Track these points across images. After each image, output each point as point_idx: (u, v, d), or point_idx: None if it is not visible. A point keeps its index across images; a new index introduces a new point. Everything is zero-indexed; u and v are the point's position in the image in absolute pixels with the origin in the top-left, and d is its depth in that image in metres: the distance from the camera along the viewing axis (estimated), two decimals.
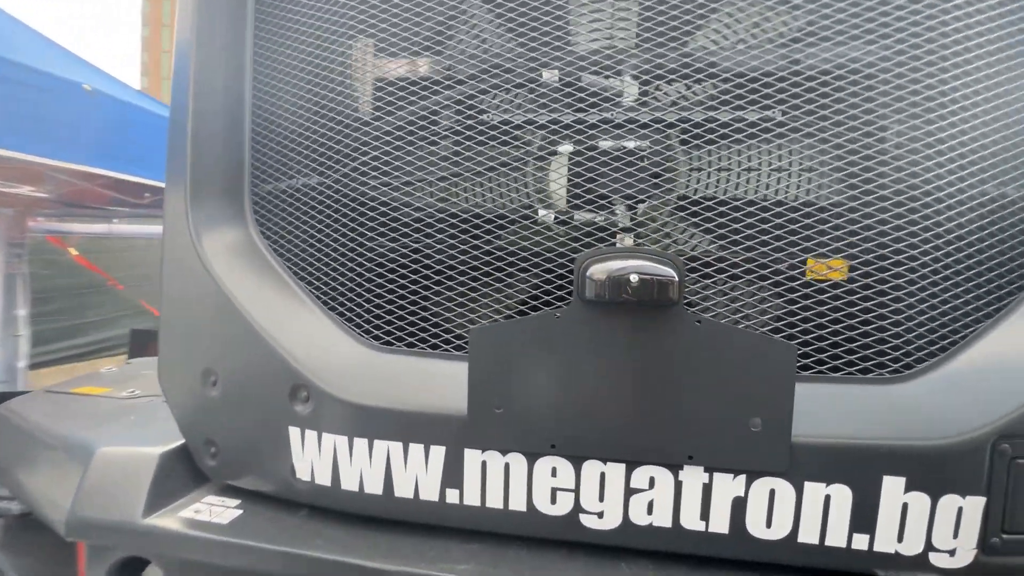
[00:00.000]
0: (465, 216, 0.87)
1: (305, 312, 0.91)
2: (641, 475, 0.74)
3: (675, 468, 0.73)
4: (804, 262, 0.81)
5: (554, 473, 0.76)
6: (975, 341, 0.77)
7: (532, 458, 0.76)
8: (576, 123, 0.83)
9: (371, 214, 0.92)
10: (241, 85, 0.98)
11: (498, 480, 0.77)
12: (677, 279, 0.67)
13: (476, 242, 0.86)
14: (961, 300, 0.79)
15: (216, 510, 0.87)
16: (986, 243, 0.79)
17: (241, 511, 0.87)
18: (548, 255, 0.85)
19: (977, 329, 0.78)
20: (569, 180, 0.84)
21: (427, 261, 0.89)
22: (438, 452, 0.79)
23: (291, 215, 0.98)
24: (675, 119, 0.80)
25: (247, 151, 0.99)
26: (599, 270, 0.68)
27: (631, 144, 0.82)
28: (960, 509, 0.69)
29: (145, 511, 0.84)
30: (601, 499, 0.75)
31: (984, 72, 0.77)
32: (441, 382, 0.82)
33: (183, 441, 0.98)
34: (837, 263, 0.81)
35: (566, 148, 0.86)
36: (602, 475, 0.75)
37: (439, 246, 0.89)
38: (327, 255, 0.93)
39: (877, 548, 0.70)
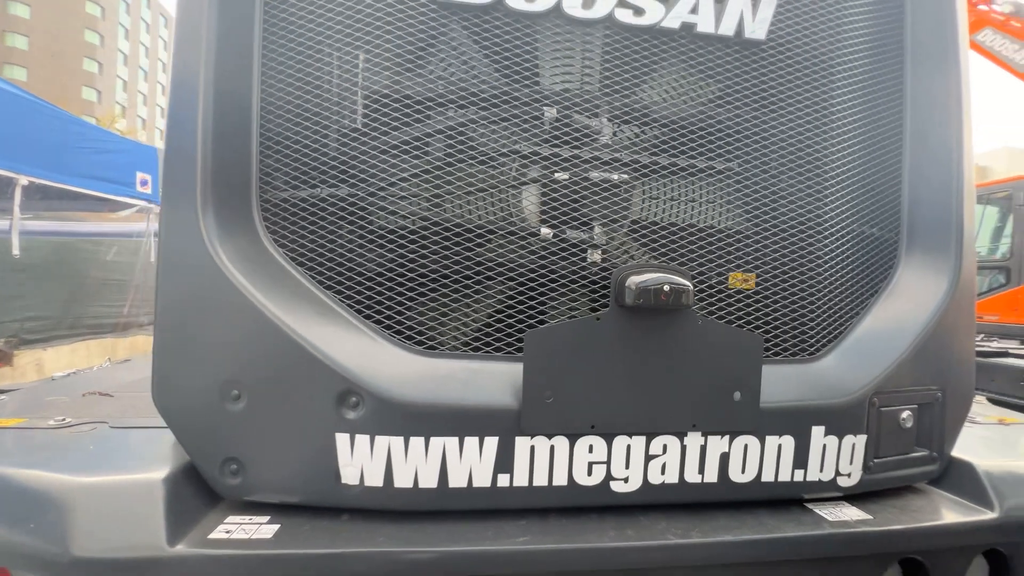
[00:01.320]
0: (500, 230, 0.98)
1: (340, 320, 0.93)
2: (657, 444, 0.93)
3: (682, 435, 0.94)
4: (726, 277, 1.10)
5: (591, 450, 0.91)
6: (850, 332, 1.12)
7: (573, 439, 0.90)
8: (555, 159, 1.01)
9: (406, 226, 0.98)
10: (249, 94, 0.96)
11: (544, 461, 0.90)
12: (691, 288, 0.88)
13: (509, 254, 0.98)
14: (840, 305, 1.14)
15: (248, 528, 0.84)
16: (855, 265, 1.16)
17: (278, 524, 0.85)
18: (559, 266, 1.01)
19: (850, 324, 1.14)
20: (555, 205, 1.01)
21: (463, 272, 0.98)
22: (491, 442, 0.88)
23: (313, 225, 0.98)
24: (627, 161, 1.03)
25: (255, 160, 0.96)
26: (635, 282, 0.86)
27: (603, 176, 1.03)
28: (853, 445, 1.02)
29: (170, 540, 0.78)
30: (627, 467, 0.93)
31: (853, 160, 1.14)
32: (487, 380, 0.92)
33: (177, 464, 0.91)
34: (749, 276, 1.12)
35: (561, 176, 1.03)
36: (628, 447, 0.92)
37: (474, 257, 0.98)
38: (360, 265, 0.96)
39: (809, 478, 1.00)
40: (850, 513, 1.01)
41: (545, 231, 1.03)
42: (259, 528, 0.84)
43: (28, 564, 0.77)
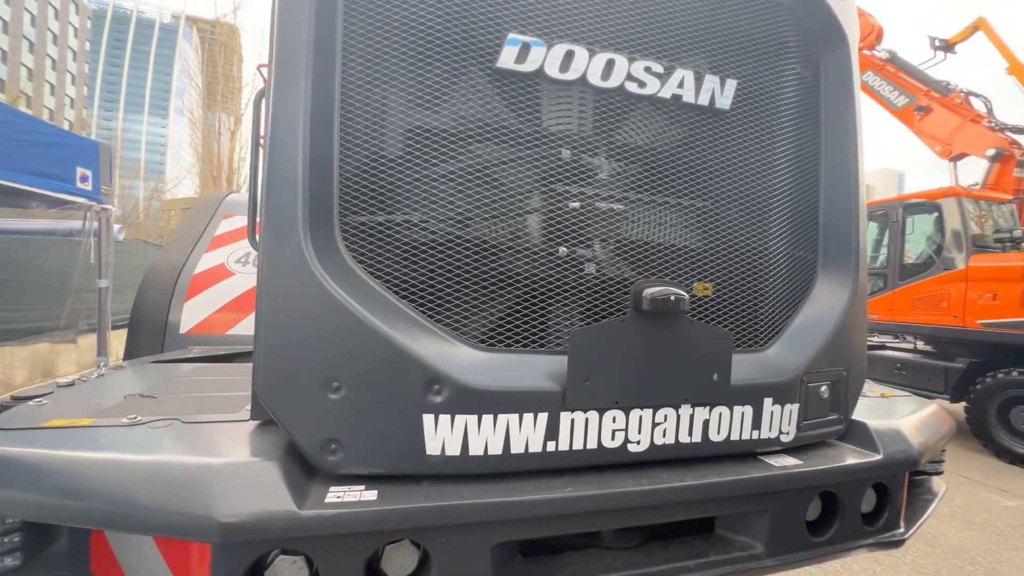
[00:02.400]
0: (540, 250, 1.24)
1: (417, 323, 1.14)
2: (660, 414, 1.24)
3: (677, 407, 1.25)
4: (691, 285, 1.45)
5: (614, 420, 1.20)
6: (787, 329, 1.51)
7: (602, 412, 1.19)
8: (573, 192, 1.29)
9: (462, 246, 1.21)
10: (331, 142, 1.14)
11: (581, 430, 1.17)
12: (687, 297, 1.19)
13: (549, 272, 1.25)
14: (781, 309, 1.53)
15: (353, 493, 1.03)
16: (790, 279, 1.55)
17: (376, 490, 1.05)
18: (578, 282, 1.29)
19: (787, 323, 1.52)
20: (576, 230, 1.29)
21: (510, 283, 1.23)
22: (542, 417, 1.14)
23: (385, 244, 1.18)
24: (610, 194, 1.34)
25: (335, 192, 1.15)
26: (649, 293, 1.16)
27: (608, 206, 1.34)
28: (791, 411, 1.39)
29: (298, 505, 0.95)
30: (639, 432, 1.22)
31: (788, 198, 1.53)
32: (535, 369, 1.18)
33: (277, 447, 1.08)
34: (708, 285, 1.47)
35: (573, 205, 1.31)
36: (640, 417, 1.22)
37: (519, 272, 1.24)
38: (428, 278, 1.18)
39: (762, 436, 1.35)
40: (788, 461, 1.38)
41: (563, 250, 1.31)
42: (362, 493, 1.03)
43: (181, 531, 0.92)
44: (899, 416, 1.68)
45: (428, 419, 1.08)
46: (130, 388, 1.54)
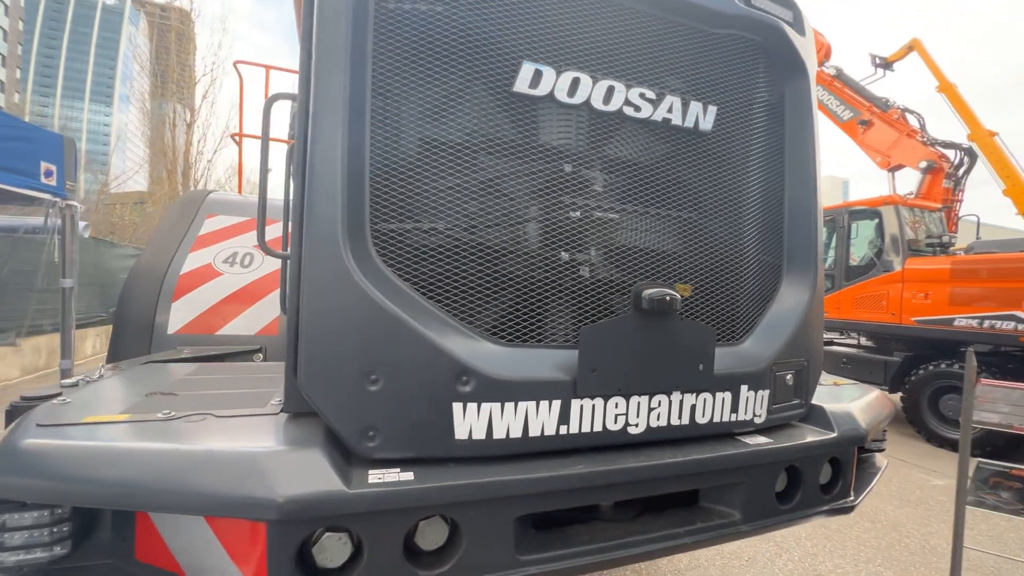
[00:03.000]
0: (552, 258, 1.39)
1: (444, 321, 1.26)
2: (655, 400, 1.41)
3: (669, 393, 1.43)
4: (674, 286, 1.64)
5: (616, 406, 1.36)
6: (758, 325, 1.72)
7: (607, 399, 1.35)
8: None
9: (482, 252, 1.34)
10: (363, 159, 1.24)
11: (589, 415, 1.33)
12: (678, 297, 1.37)
13: (558, 277, 1.40)
14: (753, 308, 1.74)
15: (391, 475, 1.14)
16: (760, 281, 1.76)
17: (411, 471, 1.16)
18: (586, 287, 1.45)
19: (758, 320, 1.73)
20: (578, 237, 1.46)
21: (525, 286, 1.37)
22: (556, 404, 1.29)
23: (411, 249, 1.29)
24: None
25: (367, 203, 1.25)
26: (648, 294, 1.33)
27: (604, 216, 1.50)
28: (763, 396, 1.60)
29: (345, 484, 1.06)
30: (637, 416, 1.39)
31: (759, 210, 1.74)
32: (549, 362, 1.33)
33: (317, 436, 1.18)
34: (687, 286, 1.66)
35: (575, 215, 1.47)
36: (638, 403, 1.39)
37: (532, 275, 1.38)
38: (451, 280, 1.30)
39: (738, 419, 1.55)
40: (760, 440, 1.59)
41: (564, 255, 1.46)
42: (399, 474, 1.15)
43: (240, 512, 1.00)
44: (849, 400, 1.93)
45: (457, 407, 1.21)
46: (146, 387, 1.58)
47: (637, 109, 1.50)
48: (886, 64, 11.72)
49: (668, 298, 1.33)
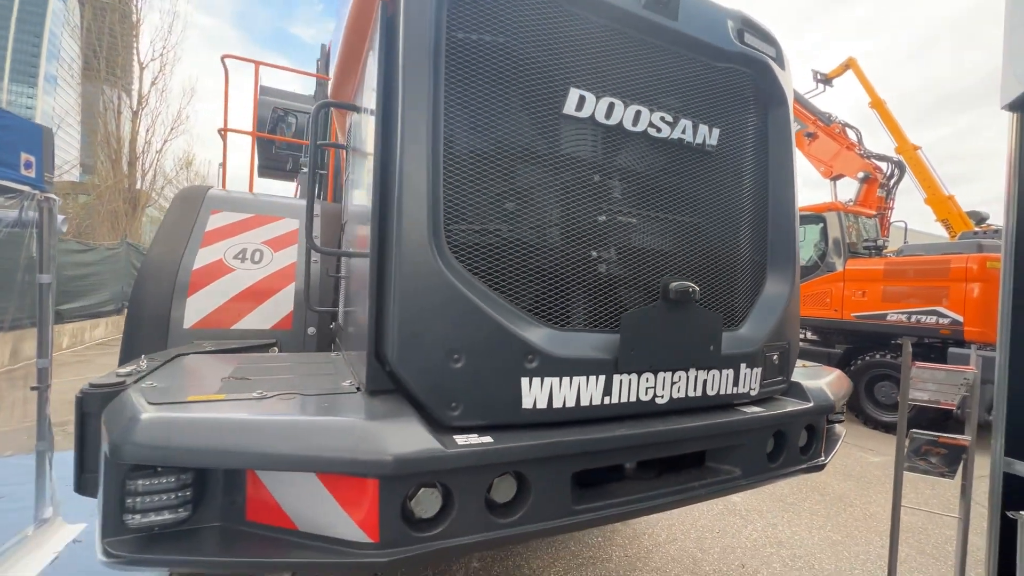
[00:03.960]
0: (593, 257, 1.63)
1: (508, 309, 1.48)
2: (676, 376, 1.69)
3: (687, 370, 1.71)
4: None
5: (647, 380, 1.62)
6: (751, 314, 2.03)
7: (640, 374, 1.60)
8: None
9: (538, 251, 1.56)
10: (439, 173, 1.43)
11: (626, 388, 1.58)
12: (698, 289, 1.65)
13: (598, 270, 1.64)
14: (748, 300, 2.05)
15: (474, 438, 1.34)
16: (751, 277, 2.08)
17: (488, 436, 1.37)
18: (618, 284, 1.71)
19: (751, 310, 2.05)
20: (610, 239, 1.72)
21: (575, 280, 1.60)
22: (601, 379, 1.53)
23: (479, 248, 1.50)
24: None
25: (441, 209, 1.45)
26: (675, 286, 1.59)
27: (627, 220, 1.77)
28: (756, 373, 1.91)
29: (444, 446, 1.25)
30: (663, 389, 1.66)
31: (751, 216, 2.06)
32: (595, 343, 1.57)
33: (406, 409, 1.36)
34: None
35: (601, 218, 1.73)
36: (664, 378, 1.66)
37: (580, 272, 1.62)
38: (514, 274, 1.52)
39: (738, 392, 1.86)
40: (754, 409, 1.90)
41: (604, 253, 1.70)
42: (480, 438, 1.36)
43: (358, 471, 1.18)
44: (818, 378, 2.30)
45: (524, 381, 1.43)
46: (210, 375, 1.69)
47: (658, 130, 1.77)
48: (826, 80, 12.80)
49: (690, 290, 1.60)
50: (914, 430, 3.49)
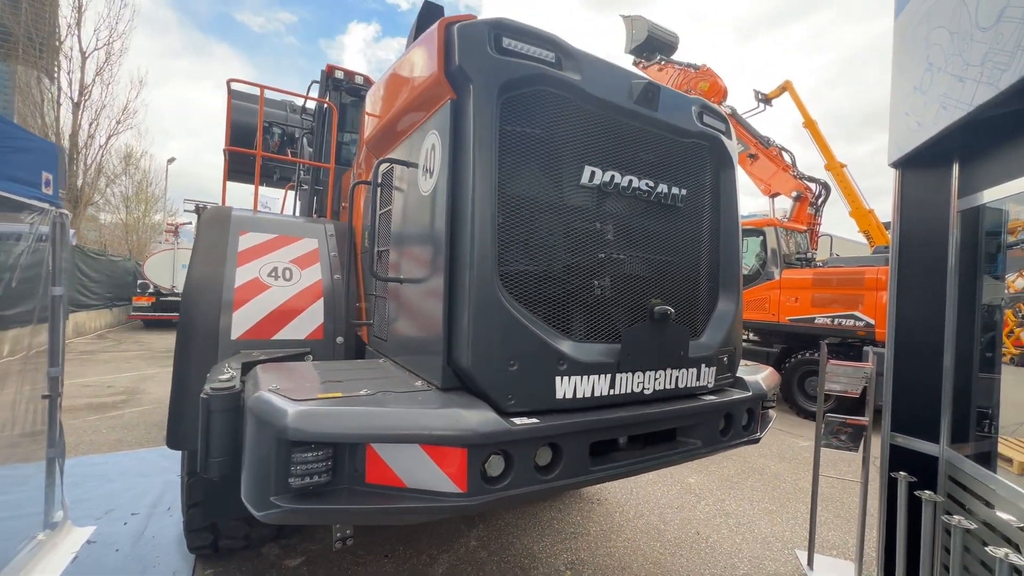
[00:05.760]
0: (598, 289, 2.24)
1: (545, 327, 2.05)
2: (658, 374, 2.32)
3: (665, 369, 2.35)
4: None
5: (639, 377, 2.24)
6: (708, 327, 2.72)
7: (633, 373, 2.22)
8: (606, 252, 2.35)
9: (562, 284, 2.15)
10: (496, 225, 1.99)
11: (625, 383, 2.19)
12: (675, 312, 2.29)
13: (603, 297, 2.25)
14: (706, 315, 2.73)
15: (526, 419, 1.90)
16: (707, 299, 2.76)
17: (535, 418, 1.93)
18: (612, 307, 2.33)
19: (707, 323, 2.73)
20: (606, 270, 2.34)
21: (586, 306, 2.20)
22: (608, 376, 2.14)
23: (522, 281, 2.06)
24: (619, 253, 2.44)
25: (496, 252, 2.00)
26: (658, 310, 2.23)
27: (617, 255, 2.40)
28: (712, 371, 2.59)
29: (509, 426, 1.81)
30: (649, 382, 2.29)
31: (707, 250, 2.74)
32: (602, 351, 2.17)
33: (474, 401, 1.90)
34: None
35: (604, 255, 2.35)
36: (649, 375, 2.29)
37: (590, 300, 2.22)
38: (546, 303, 2.10)
39: (699, 384, 2.52)
40: (711, 397, 2.57)
41: (602, 281, 2.32)
42: (529, 420, 1.92)
43: (453, 443, 1.71)
44: (755, 374, 3.02)
45: (558, 379, 2.01)
46: (306, 377, 2.16)
47: (644, 192, 2.40)
48: (766, 99, 14.20)
49: (668, 312, 2.25)
50: (828, 414, 4.37)
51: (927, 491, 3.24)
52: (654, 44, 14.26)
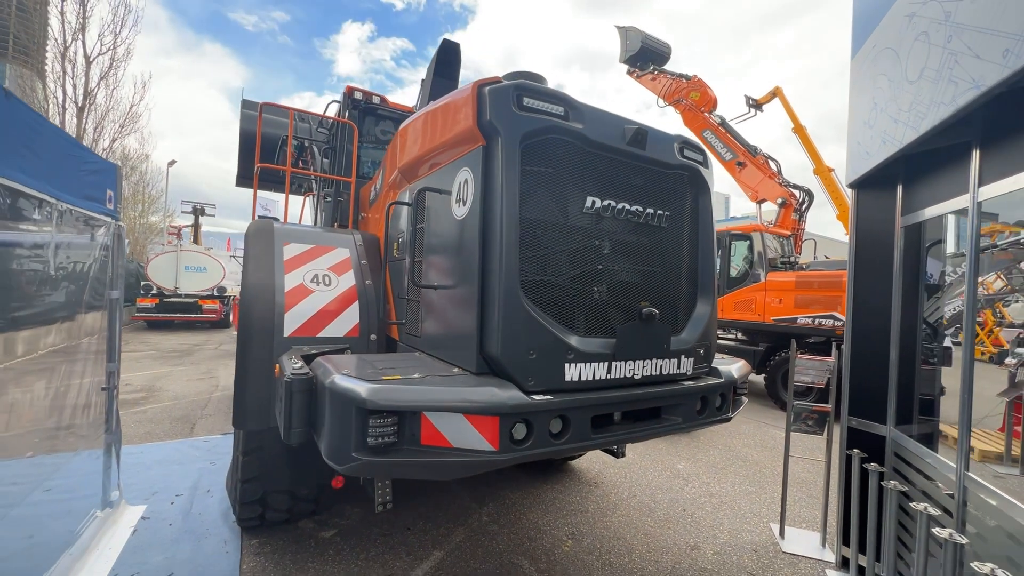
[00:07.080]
0: (594, 293, 2.80)
1: (556, 325, 2.60)
2: (645, 362, 2.87)
3: (651, 359, 2.90)
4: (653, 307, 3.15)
5: (630, 364, 2.79)
6: (688, 325, 3.28)
7: (625, 361, 2.77)
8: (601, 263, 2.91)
9: (565, 288, 2.71)
10: (518, 244, 2.54)
11: (619, 369, 2.74)
12: (659, 312, 2.85)
13: (600, 299, 2.81)
14: (686, 316, 3.30)
15: (542, 396, 2.44)
16: (687, 303, 3.33)
17: (549, 396, 2.47)
18: (608, 308, 2.88)
19: (687, 322, 3.30)
20: (602, 278, 2.90)
21: (588, 307, 2.76)
22: (605, 364, 2.68)
23: (536, 289, 2.61)
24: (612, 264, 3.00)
25: (520, 262, 2.56)
26: (645, 311, 2.79)
27: (612, 266, 2.96)
28: (691, 361, 3.14)
29: (530, 400, 2.35)
30: (639, 369, 2.84)
31: (687, 261, 3.31)
32: (601, 344, 2.72)
33: (503, 383, 2.45)
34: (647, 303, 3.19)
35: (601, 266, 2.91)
36: (639, 363, 2.84)
37: (590, 304, 2.77)
38: (557, 307, 2.65)
39: (680, 372, 3.08)
40: (690, 383, 3.12)
41: (600, 288, 2.87)
42: (545, 397, 2.47)
43: (489, 412, 2.25)
44: (729, 364, 3.59)
45: (567, 366, 2.55)
46: (364, 365, 2.70)
47: (635, 215, 2.96)
48: (757, 105, 14.82)
49: (654, 312, 2.80)
50: (796, 402, 4.95)
51: (873, 463, 3.83)
52: (647, 54, 14.87)
